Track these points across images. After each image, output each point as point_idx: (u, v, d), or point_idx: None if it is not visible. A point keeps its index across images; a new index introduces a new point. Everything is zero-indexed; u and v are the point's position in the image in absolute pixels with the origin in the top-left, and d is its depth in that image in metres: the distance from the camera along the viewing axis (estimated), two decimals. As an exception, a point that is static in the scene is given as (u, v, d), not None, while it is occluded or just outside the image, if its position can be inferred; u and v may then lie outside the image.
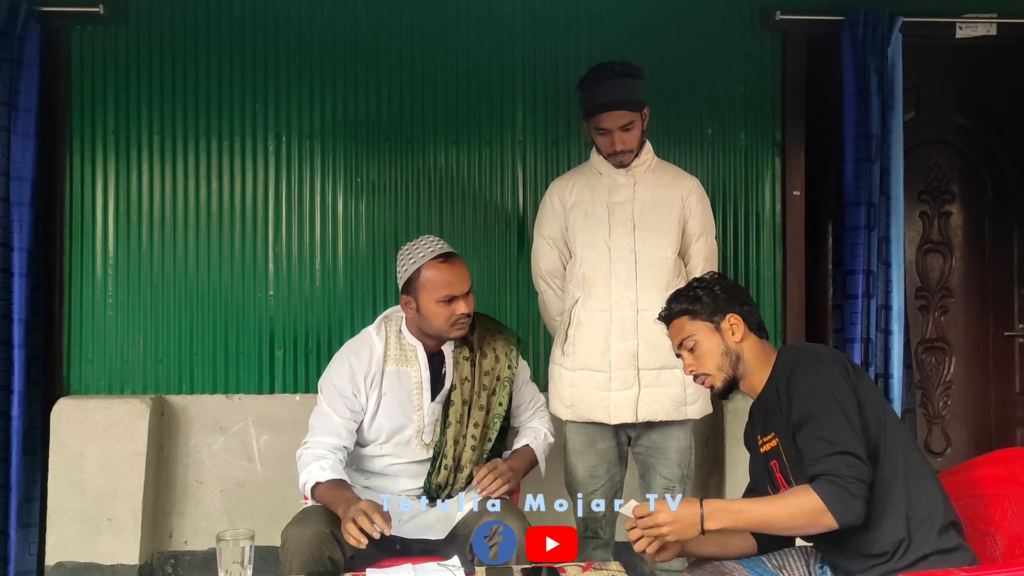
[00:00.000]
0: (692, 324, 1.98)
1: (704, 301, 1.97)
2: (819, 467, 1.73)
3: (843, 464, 1.71)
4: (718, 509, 1.77)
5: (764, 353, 1.97)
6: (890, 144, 3.02)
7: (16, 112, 2.90)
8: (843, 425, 1.74)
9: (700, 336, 1.97)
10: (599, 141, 2.59)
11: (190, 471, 3.10)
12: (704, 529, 1.75)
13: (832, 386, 1.79)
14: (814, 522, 1.72)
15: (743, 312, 1.96)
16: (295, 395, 3.11)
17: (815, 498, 1.70)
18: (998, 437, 3.40)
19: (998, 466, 2.08)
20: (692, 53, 3.24)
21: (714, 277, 2.04)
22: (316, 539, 2.11)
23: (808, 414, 1.78)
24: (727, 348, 1.96)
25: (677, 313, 2.00)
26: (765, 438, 1.94)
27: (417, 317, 2.33)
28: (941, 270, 3.43)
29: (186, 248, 3.14)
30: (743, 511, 1.78)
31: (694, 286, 2.02)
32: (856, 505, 1.69)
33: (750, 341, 1.96)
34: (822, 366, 1.83)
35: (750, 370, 1.97)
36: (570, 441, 2.64)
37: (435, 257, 2.30)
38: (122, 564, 2.92)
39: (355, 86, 3.17)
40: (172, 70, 3.13)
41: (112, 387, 3.11)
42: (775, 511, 1.76)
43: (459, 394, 2.39)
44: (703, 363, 1.98)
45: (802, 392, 1.81)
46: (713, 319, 1.96)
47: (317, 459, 2.25)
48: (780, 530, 1.81)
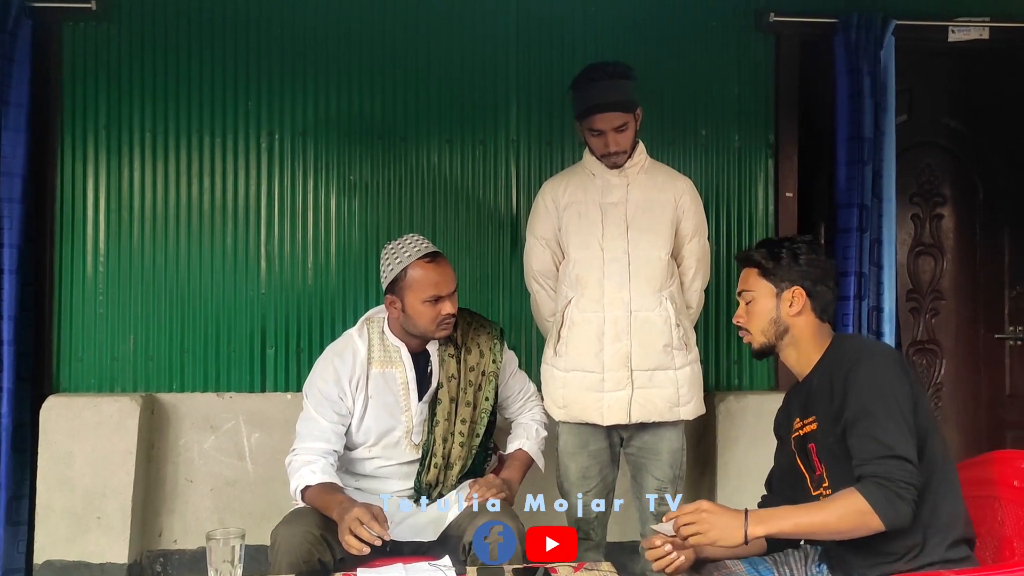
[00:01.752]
0: (758, 280, 1.95)
1: (781, 264, 1.92)
2: (869, 468, 1.71)
3: (895, 467, 1.69)
4: (763, 517, 1.75)
5: (817, 335, 1.93)
6: (882, 147, 3.03)
7: (7, 108, 2.88)
8: (900, 428, 1.72)
9: (759, 294, 1.95)
10: (592, 142, 2.59)
11: (180, 469, 3.09)
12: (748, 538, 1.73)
13: (894, 387, 1.76)
14: (862, 525, 1.69)
15: (813, 290, 1.91)
16: (286, 394, 3.10)
17: (861, 501, 1.68)
18: (988, 439, 3.41)
19: (989, 468, 2.09)
20: (686, 54, 3.24)
21: (811, 245, 1.96)
22: (306, 540, 2.10)
23: (866, 411, 1.75)
24: (778, 317, 1.93)
25: (752, 262, 1.97)
26: (805, 420, 1.91)
27: (402, 317, 2.32)
28: (932, 272, 3.44)
29: (177, 245, 3.12)
30: (787, 517, 1.76)
31: (784, 245, 1.95)
32: (904, 509, 1.68)
33: (807, 319, 1.92)
34: (885, 365, 1.80)
35: (799, 347, 1.94)
36: (563, 442, 2.64)
37: (421, 257, 2.29)
38: (111, 563, 2.90)
39: (348, 84, 3.16)
40: (164, 66, 3.11)
41: (102, 385, 3.09)
42: (822, 516, 1.73)
43: (446, 392, 2.39)
44: (751, 320, 1.96)
45: (862, 388, 1.77)
46: (779, 284, 1.92)
47: (306, 464, 2.24)
48: (827, 535, 1.78)
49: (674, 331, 2.55)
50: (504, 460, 2.53)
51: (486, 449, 2.49)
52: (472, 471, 2.43)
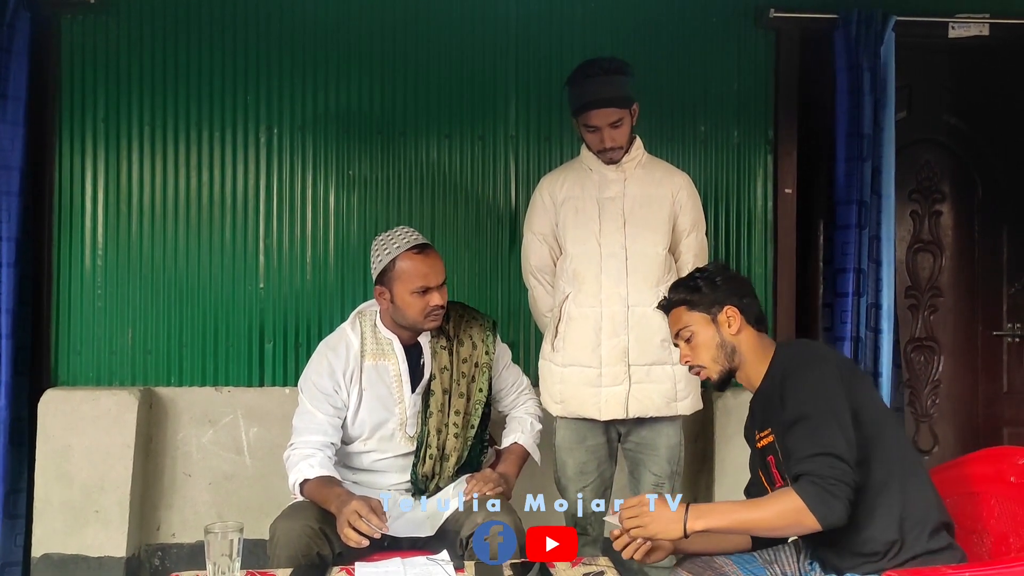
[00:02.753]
0: (689, 315, 1.98)
1: (703, 292, 1.97)
2: (802, 467, 1.74)
3: (826, 465, 1.71)
4: (703, 512, 1.77)
5: (761, 347, 1.97)
6: (882, 143, 3.03)
7: (5, 101, 2.87)
8: (832, 428, 1.74)
9: (696, 327, 1.98)
10: (588, 138, 2.59)
11: (178, 464, 3.09)
12: (687, 532, 1.75)
13: (826, 388, 1.79)
14: (797, 523, 1.72)
15: (742, 305, 1.96)
16: (285, 388, 3.10)
17: (796, 499, 1.70)
18: (985, 436, 3.42)
19: (987, 464, 2.10)
20: (686, 50, 3.24)
21: (717, 267, 2.03)
22: (304, 534, 2.11)
23: (800, 414, 1.78)
24: (722, 340, 1.96)
25: (675, 303, 2.01)
26: (762, 433, 1.94)
27: (391, 308, 2.33)
28: (931, 269, 3.45)
29: (176, 239, 3.12)
30: (726, 513, 1.79)
31: (695, 276, 2.02)
32: (838, 506, 1.69)
33: (747, 334, 1.96)
34: (818, 367, 1.83)
35: (747, 363, 1.97)
36: (560, 437, 2.65)
37: (410, 248, 2.30)
38: (109, 556, 2.91)
39: (347, 79, 3.16)
40: (163, 60, 3.10)
41: (100, 379, 3.09)
42: (758, 514, 1.76)
43: (439, 383, 2.39)
44: (698, 354, 1.98)
45: (796, 392, 1.81)
46: (710, 311, 1.96)
47: (305, 458, 2.25)
48: (764, 532, 1.82)
49: (672, 326, 2.55)
50: (500, 455, 2.54)
51: (482, 441, 2.50)
52: (468, 463, 2.44)
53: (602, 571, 2.01)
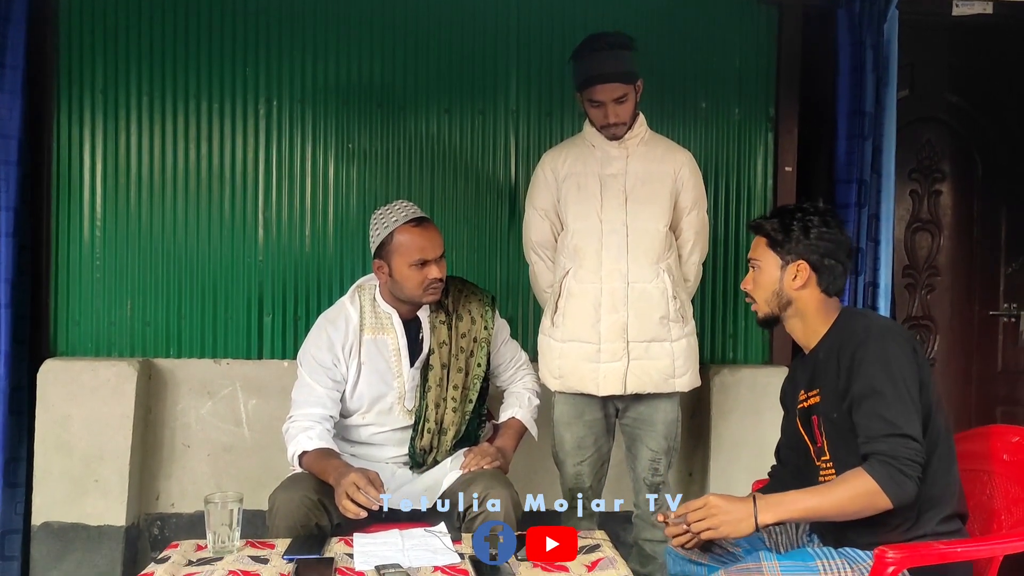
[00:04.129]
0: (765, 251, 1.97)
1: (791, 236, 1.92)
2: (875, 446, 1.74)
3: (900, 446, 1.72)
4: (772, 504, 1.77)
5: (823, 310, 1.94)
6: (883, 122, 3.02)
7: (3, 70, 2.85)
8: (906, 407, 1.74)
9: (765, 265, 1.96)
10: (592, 113, 2.58)
11: (177, 434, 3.11)
12: (759, 526, 1.76)
13: (901, 366, 1.78)
14: (870, 504, 1.73)
15: (820, 265, 1.91)
16: (283, 361, 3.12)
17: (869, 481, 1.71)
18: (979, 414, 3.45)
19: (980, 442, 2.12)
20: (688, 26, 3.22)
21: (822, 218, 1.93)
22: (303, 505, 2.14)
23: (873, 389, 1.77)
24: (781, 289, 1.94)
25: (762, 232, 1.98)
26: (809, 392, 1.94)
27: (390, 282, 2.34)
28: (929, 248, 3.45)
29: (175, 211, 3.12)
30: (796, 502, 1.78)
31: (796, 216, 1.94)
32: (910, 486, 1.71)
33: (810, 293, 1.93)
34: (894, 344, 1.81)
35: (802, 320, 1.95)
36: (558, 412, 2.67)
37: (408, 221, 2.31)
38: (109, 525, 2.93)
39: (347, 52, 3.14)
40: (162, 30, 3.08)
41: (99, 349, 3.10)
42: (831, 499, 1.76)
43: (437, 358, 2.41)
44: (756, 289, 1.98)
45: (870, 366, 1.79)
46: (785, 257, 1.94)
47: (304, 430, 2.28)
48: (837, 517, 1.79)
49: (671, 303, 2.57)
50: (498, 429, 2.56)
51: (479, 415, 2.53)
52: (466, 437, 2.47)
53: (598, 544, 2.04)
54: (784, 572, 1.76)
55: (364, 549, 1.95)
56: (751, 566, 1.78)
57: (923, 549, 1.75)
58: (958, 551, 1.80)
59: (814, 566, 1.78)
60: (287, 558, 1.91)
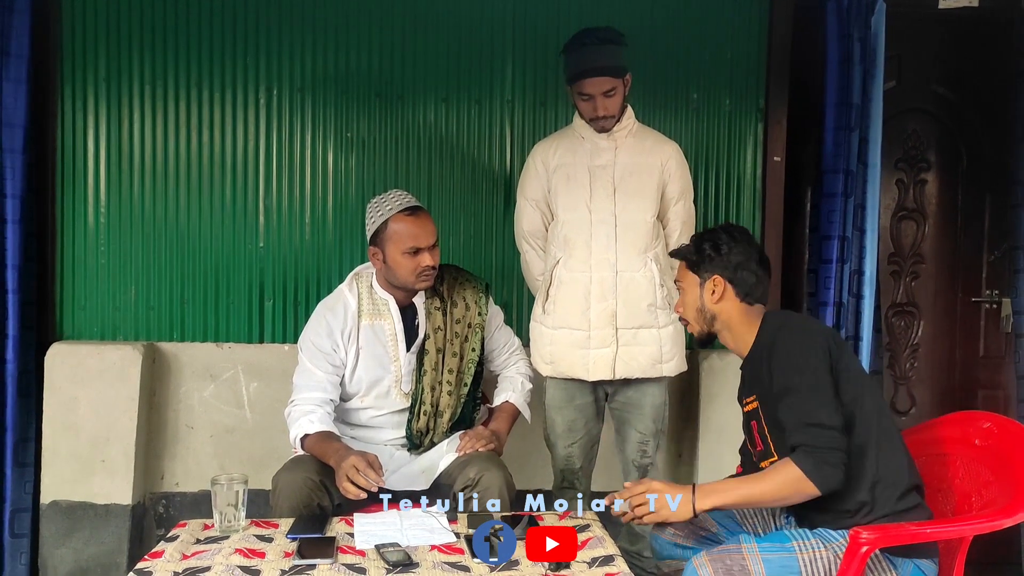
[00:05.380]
0: (685, 272, 2.12)
1: (704, 255, 2.06)
2: (797, 438, 1.85)
3: (819, 435, 1.82)
4: (709, 491, 1.90)
5: (746, 319, 2.06)
6: (870, 113, 3.06)
7: (8, 59, 2.89)
8: (819, 398, 1.86)
9: (686, 286, 2.12)
10: (582, 106, 2.64)
11: (181, 416, 3.18)
12: (696, 512, 1.88)
13: (808, 359, 1.90)
14: (798, 491, 1.84)
15: (734, 278, 2.04)
16: (284, 345, 3.18)
17: (795, 470, 1.82)
18: (961, 398, 3.52)
19: (955, 427, 2.21)
20: (680, 17, 3.26)
21: (730, 234, 2.07)
22: (306, 486, 2.21)
23: (787, 387, 1.89)
24: (703, 305, 2.08)
25: (681, 256, 2.13)
26: (748, 399, 2.06)
27: (384, 269, 2.41)
28: (914, 237, 3.51)
29: (177, 198, 3.17)
30: (731, 490, 1.91)
31: (706, 238, 2.08)
32: (834, 472, 1.82)
33: (729, 305, 2.06)
34: (803, 340, 1.93)
35: (730, 331, 2.08)
36: (550, 396, 2.74)
37: (402, 210, 2.37)
38: (115, 503, 3.01)
39: (347, 41, 3.19)
40: (163, 20, 3.12)
41: (105, 333, 3.17)
42: (761, 487, 1.87)
43: (433, 343, 2.48)
44: (685, 310, 2.13)
45: (782, 364, 1.91)
46: (702, 275, 2.07)
47: (305, 414, 2.34)
48: (768, 503, 1.94)
49: (658, 291, 2.64)
50: (492, 412, 2.64)
51: (474, 399, 2.59)
52: (462, 420, 2.54)
53: (588, 524, 2.11)
54: (763, 552, 1.85)
55: (364, 528, 2.02)
56: (731, 547, 1.88)
57: (894, 530, 1.85)
58: (927, 532, 1.89)
59: (791, 546, 1.88)
60: (291, 537, 1.97)
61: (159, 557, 1.86)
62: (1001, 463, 2.03)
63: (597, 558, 1.88)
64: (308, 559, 1.83)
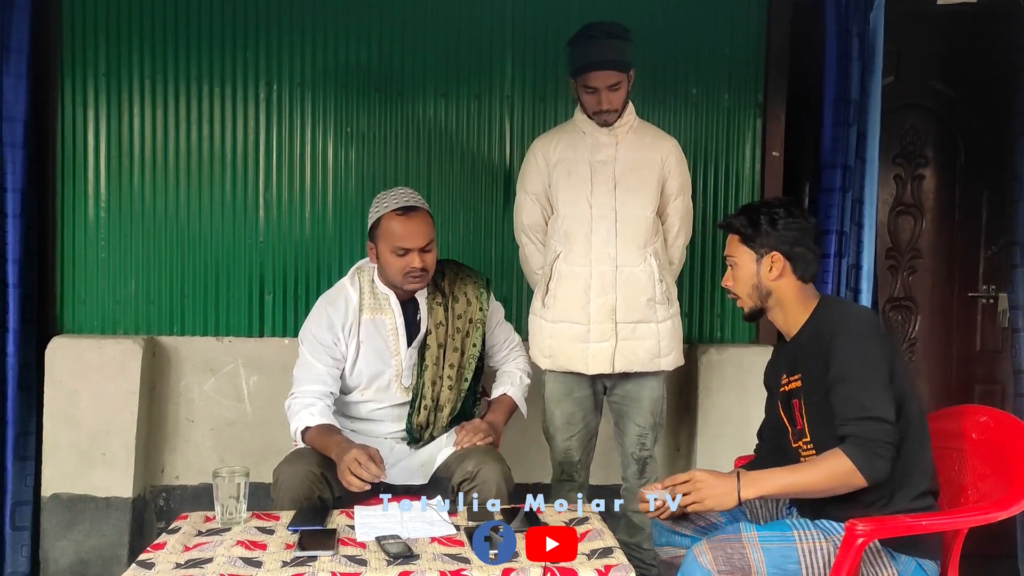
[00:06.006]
0: (739, 247, 2.06)
1: (760, 230, 2.01)
2: (849, 428, 1.84)
3: (874, 428, 1.82)
4: (754, 480, 1.88)
5: (801, 298, 2.03)
6: (868, 109, 3.07)
7: (8, 53, 2.89)
8: (878, 390, 1.85)
9: (740, 260, 2.06)
10: (585, 99, 2.65)
11: (181, 410, 3.19)
12: (741, 501, 1.86)
13: (873, 352, 1.88)
14: (846, 483, 1.83)
15: (792, 253, 2.00)
16: (284, 339, 3.19)
17: (846, 461, 1.81)
18: (958, 392, 3.53)
19: (950, 421, 2.22)
20: (679, 13, 3.27)
21: (788, 208, 2.02)
22: (307, 478, 2.22)
23: (847, 374, 1.86)
24: (759, 282, 2.04)
25: (733, 229, 2.07)
26: (791, 377, 2.03)
27: (378, 264, 2.42)
28: (911, 232, 3.53)
29: (177, 192, 3.18)
30: (777, 478, 1.89)
31: (762, 211, 2.03)
32: (883, 466, 1.81)
33: (787, 282, 2.02)
34: (867, 331, 1.91)
35: (783, 309, 2.04)
36: (549, 389, 2.76)
37: (395, 209, 2.37)
38: (116, 496, 3.02)
39: (347, 36, 3.19)
40: (163, 14, 3.13)
41: (105, 327, 3.18)
42: (809, 477, 1.86)
43: (434, 338, 2.49)
44: (737, 285, 2.08)
45: (844, 352, 1.88)
46: (759, 250, 2.02)
47: (306, 407, 2.35)
48: (814, 493, 1.89)
49: (657, 286, 2.65)
50: (490, 405, 2.65)
51: (475, 393, 2.60)
52: (462, 414, 2.55)
53: (586, 517, 2.13)
54: (763, 541, 1.86)
55: (365, 521, 2.03)
56: (731, 536, 1.88)
57: (890, 522, 1.85)
58: (923, 524, 1.90)
59: (791, 536, 1.88)
60: (292, 529, 1.98)
61: (161, 548, 1.87)
62: (997, 457, 2.04)
63: (596, 550, 1.88)
64: (309, 551, 1.84)
